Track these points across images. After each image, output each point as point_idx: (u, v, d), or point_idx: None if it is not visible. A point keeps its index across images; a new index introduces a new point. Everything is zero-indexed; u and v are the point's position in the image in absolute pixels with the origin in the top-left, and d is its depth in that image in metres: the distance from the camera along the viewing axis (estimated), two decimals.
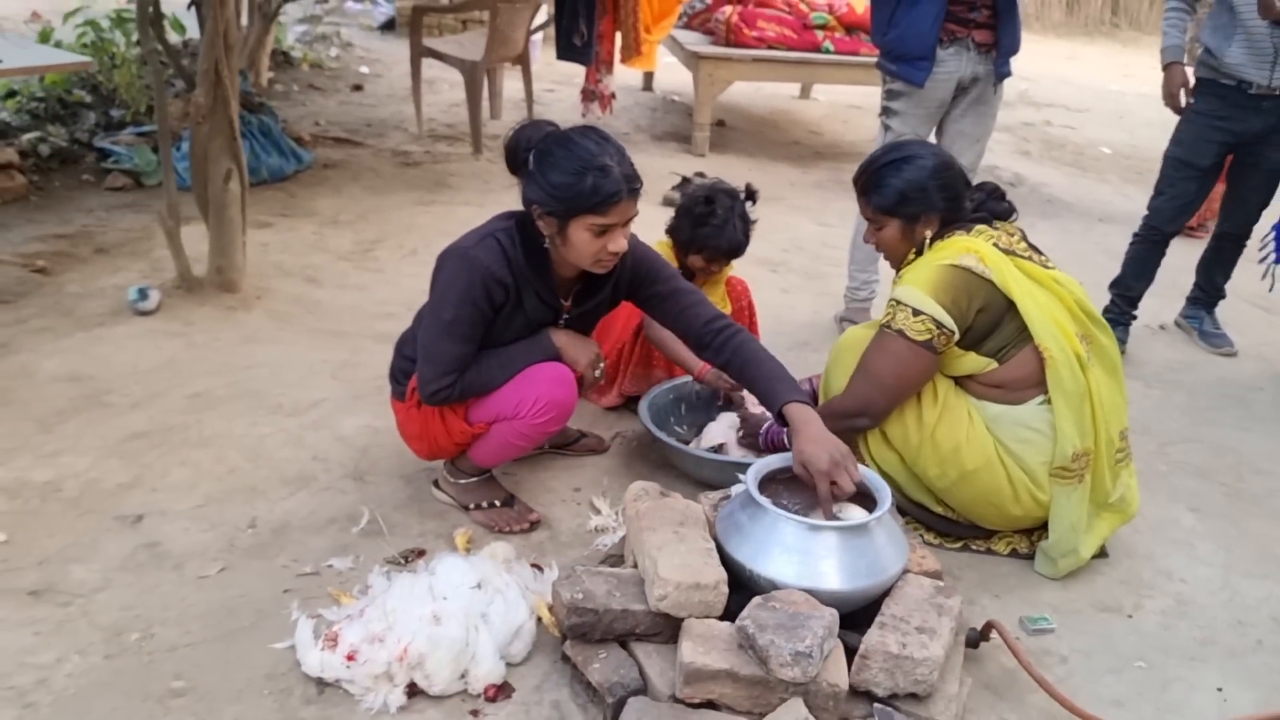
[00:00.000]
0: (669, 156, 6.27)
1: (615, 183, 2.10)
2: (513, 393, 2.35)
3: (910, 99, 3.60)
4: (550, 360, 2.38)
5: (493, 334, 2.35)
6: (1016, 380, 2.43)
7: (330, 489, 2.71)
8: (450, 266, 2.27)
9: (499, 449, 2.47)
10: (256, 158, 4.95)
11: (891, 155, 2.55)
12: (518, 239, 2.27)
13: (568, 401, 2.38)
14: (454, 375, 2.32)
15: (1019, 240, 2.53)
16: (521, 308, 2.33)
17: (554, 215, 2.17)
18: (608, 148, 2.14)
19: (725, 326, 2.41)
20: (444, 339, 2.29)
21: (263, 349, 3.45)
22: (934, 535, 2.65)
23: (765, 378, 2.31)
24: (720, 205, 2.98)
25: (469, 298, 2.24)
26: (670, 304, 2.45)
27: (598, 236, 2.16)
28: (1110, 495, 2.53)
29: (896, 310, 2.41)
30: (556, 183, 2.12)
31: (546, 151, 2.15)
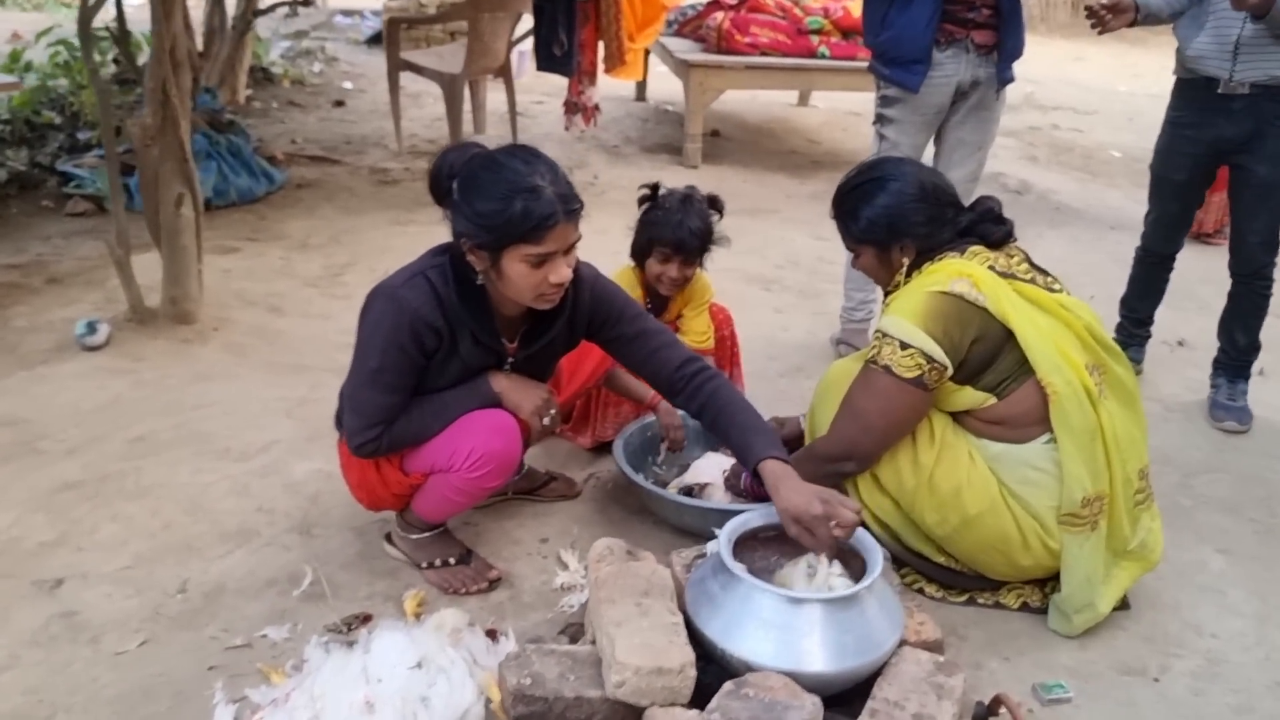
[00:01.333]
0: (660, 169, 6.03)
1: (548, 205, 1.87)
2: (446, 443, 2.12)
3: (905, 105, 3.36)
4: (489, 407, 2.14)
5: (427, 381, 2.12)
6: (1018, 417, 2.18)
7: (273, 545, 2.48)
8: (376, 308, 2.04)
9: (438, 503, 2.24)
10: (225, 179, 4.75)
11: (863, 178, 2.33)
12: (451, 276, 2.03)
13: (507, 453, 2.14)
14: (380, 426, 2.09)
15: (1020, 261, 2.28)
16: (456, 353, 2.10)
17: (484, 248, 1.94)
18: (538, 166, 1.91)
19: (698, 371, 2.19)
20: (369, 388, 2.07)
21: (215, 386, 3.22)
22: (936, 588, 2.40)
23: (740, 429, 2.10)
24: (671, 197, 2.77)
25: (395, 343, 2.01)
26: (637, 346, 2.22)
27: (535, 268, 1.93)
28: (1129, 542, 2.28)
29: (882, 344, 2.17)
30: (483, 211, 1.89)
31: (470, 177, 1.92)
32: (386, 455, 2.16)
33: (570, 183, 1.96)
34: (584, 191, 2.05)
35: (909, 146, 3.38)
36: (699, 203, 2.83)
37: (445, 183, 1.97)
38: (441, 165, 1.98)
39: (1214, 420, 3.38)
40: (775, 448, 2.02)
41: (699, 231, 2.79)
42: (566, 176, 1.96)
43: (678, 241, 2.77)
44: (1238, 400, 3.40)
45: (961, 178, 3.45)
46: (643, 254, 2.84)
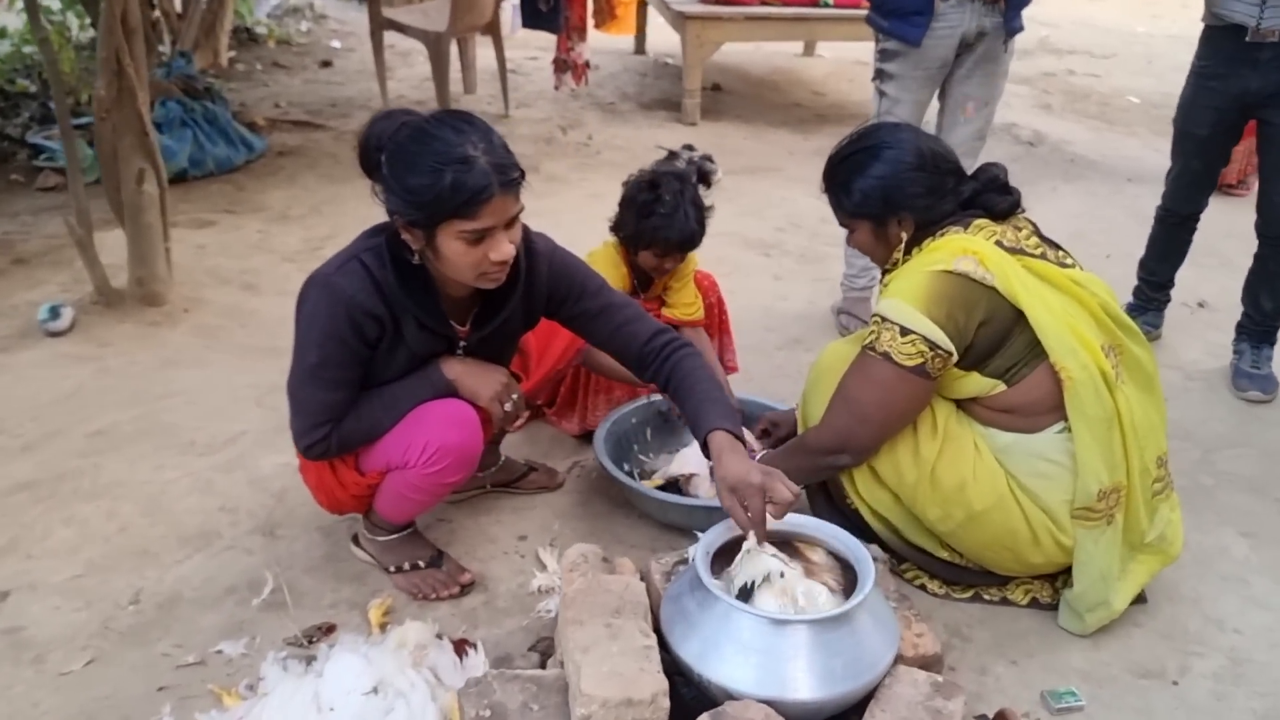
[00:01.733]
0: (657, 127, 5.81)
1: (481, 176, 1.69)
2: (400, 438, 1.97)
3: (907, 60, 3.14)
4: (444, 396, 1.99)
5: (374, 373, 1.97)
6: (1030, 404, 2.01)
7: (234, 548, 2.34)
8: (310, 299, 1.88)
9: (399, 503, 2.10)
10: (201, 148, 4.56)
11: (855, 147, 2.14)
12: (388, 258, 1.86)
13: (466, 445, 1.98)
14: (327, 425, 1.94)
15: (1029, 234, 2.09)
16: (402, 340, 1.94)
17: (417, 226, 1.77)
18: (470, 134, 1.72)
19: (667, 344, 2.03)
20: (311, 385, 1.91)
21: (182, 373, 3.07)
22: (939, 584, 2.25)
23: (696, 400, 1.93)
24: (667, 190, 2.56)
25: (334, 335, 1.85)
26: (600, 323, 2.06)
27: (473, 245, 1.76)
28: (1147, 534, 2.11)
29: (881, 329, 1.99)
30: (412, 186, 1.72)
31: (398, 149, 1.74)
32: (339, 456, 2.01)
33: (508, 150, 1.78)
34: (578, 152, 1.88)
35: (910, 104, 3.18)
36: (691, 188, 2.63)
37: (374, 156, 1.79)
38: (369, 137, 1.80)
39: (1237, 390, 3.19)
40: (728, 420, 1.87)
41: (700, 221, 2.62)
42: (504, 144, 1.78)
43: (683, 242, 2.60)
44: (1262, 368, 3.20)
45: (967, 135, 3.25)
46: (634, 242, 2.65)
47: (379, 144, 1.77)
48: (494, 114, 5.77)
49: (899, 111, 3.16)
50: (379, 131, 1.78)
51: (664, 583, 1.90)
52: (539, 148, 5.30)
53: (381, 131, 1.78)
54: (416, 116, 1.78)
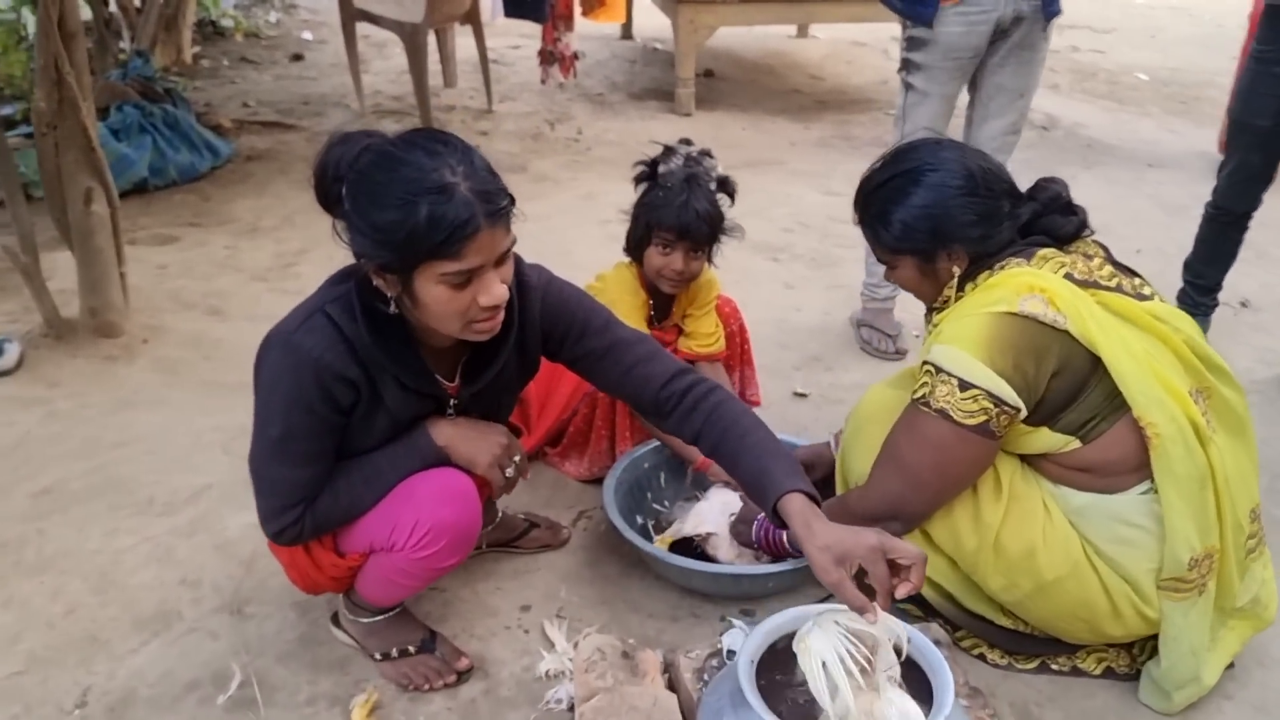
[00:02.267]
0: (650, 119, 5.51)
1: (462, 208, 1.40)
2: (385, 516, 1.69)
3: (935, 48, 2.84)
4: (434, 466, 1.71)
5: (350, 441, 1.68)
6: (1109, 463, 1.74)
7: (197, 631, 2.05)
8: (270, 362, 1.59)
9: (384, 587, 1.82)
10: (162, 156, 4.24)
11: (891, 171, 1.85)
12: (359, 309, 1.57)
13: (463, 523, 1.70)
14: (299, 507, 1.65)
15: (1101, 263, 1.81)
16: (381, 404, 1.65)
17: (390, 270, 1.47)
18: (446, 157, 1.43)
19: (691, 387, 1.72)
20: (277, 461, 1.63)
21: (140, 416, 2.77)
22: (1000, 654, 1.98)
23: (751, 456, 1.62)
24: (671, 176, 2.29)
25: (300, 403, 1.56)
26: (608, 364, 1.76)
27: (458, 289, 1.47)
28: (1239, 598, 1.85)
29: (936, 381, 1.70)
30: (380, 223, 1.42)
31: (361, 179, 1.44)
32: (314, 539, 1.72)
33: (493, 173, 1.48)
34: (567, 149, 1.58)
35: (939, 97, 2.89)
36: (705, 183, 2.35)
37: (332, 187, 1.49)
38: (325, 164, 1.49)
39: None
40: (799, 479, 1.56)
41: (706, 215, 2.32)
42: (488, 166, 1.48)
43: (682, 226, 2.30)
44: None
45: (1000, 130, 2.97)
46: (641, 245, 2.37)
47: (338, 173, 1.47)
48: (477, 108, 5.46)
49: (927, 106, 2.88)
50: (336, 158, 1.47)
51: (695, 683, 1.62)
52: (525, 144, 4.99)
53: (340, 158, 1.47)
54: (381, 138, 1.48)
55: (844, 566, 1.42)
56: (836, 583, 1.41)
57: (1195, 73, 6.93)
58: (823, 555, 1.43)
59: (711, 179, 2.38)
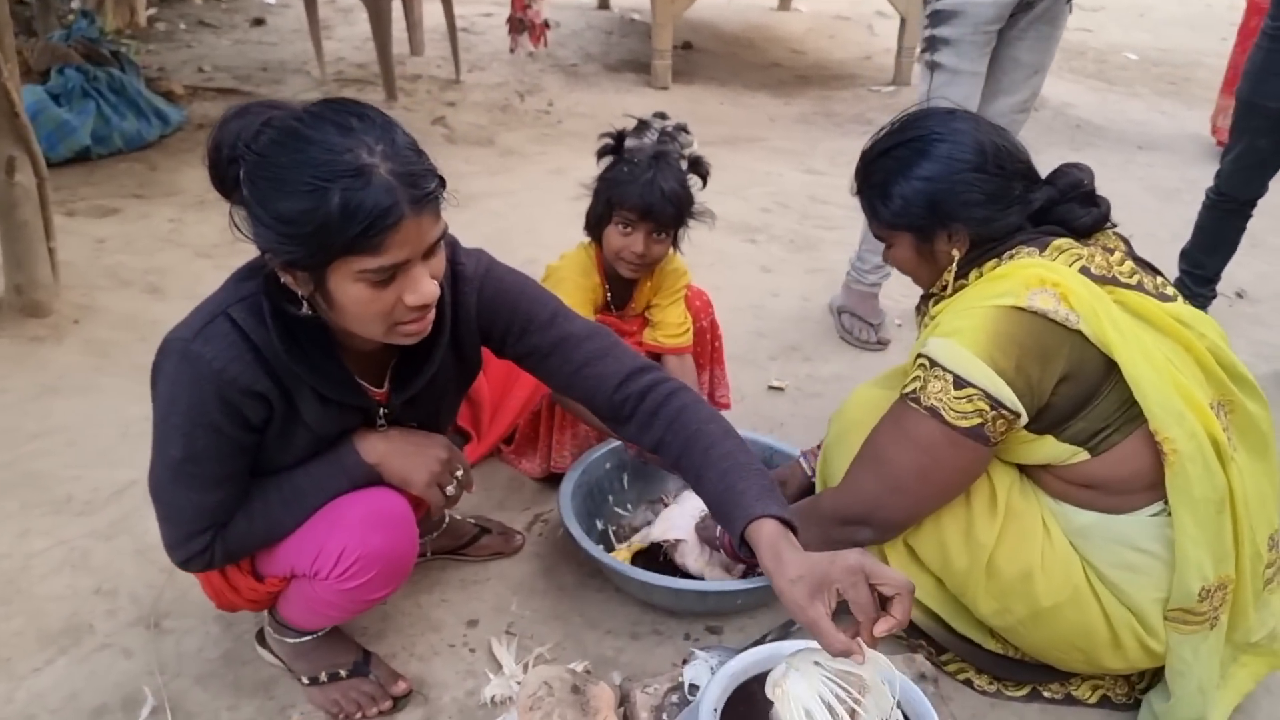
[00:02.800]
0: (625, 92, 5.30)
1: (382, 193, 1.18)
2: (308, 541, 1.49)
3: (964, 20, 2.60)
4: (364, 486, 1.52)
5: (266, 459, 1.48)
6: (1119, 480, 1.57)
7: (109, 647, 1.86)
8: (167, 373, 1.37)
9: (307, 615, 1.64)
10: (106, 122, 4.00)
11: (896, 139, 1.67)
12: (268, 311, 1.36)
13: (395, 551, 1.52)
14: (207, 534, 1.46)
15: (1122, 257, 1.64)
16: (298, 420, 1.44)
17: (299, 266, 1.26)
18: (362, 134, 1.21)
19: (651, 388, 1.51)
20: (179, 485, 1.42)
21: (64, 404, 2.56)
22: (988, 679, 1.82)
23: (716, 474, 1.40)
24: (638, 152, 2.10)
25: (201, 421, 1.36)
26: (557, 361, 1.54)
27: (379, 287, 1.25)
28: (1254, 633, 1.68)
29: (928, 376, 1.53)
30: (285, 213, 1.20)
31: (261, 161, 1.22)
32: (229, 565, 1.53)
33: (419, 152, 1.26)
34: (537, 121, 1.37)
35: (970, 76, 2.67)
36: (675, 162, 2.16)
37: (229, 170, 1.27)
38: (219, 143, 1.27)
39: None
40: (771, 500, 1.35)
41: (673, 195, 2.13)
42: (412, 144, 1.26)
43: (646, 206, 2.10)
44: None
45: (1010, 107, 2.78)
46: (600, 223, 2.18)
47: (234, 153, 1.26)
48: (444, 78, 5.23)
49: (958, 86, 2.65)
50: (233, 135, 1.25)
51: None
52: (494, 117, 4.77)
53: (236, 135, 1.25)
54: (285, 111, 1.26)
55: (821, 599, 1.21)
56: (813, 621, 1.19)
57: (1185, 53, 6.78)
58: (795, 589, 1.21)
59: (682, 157, 2.19)
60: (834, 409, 1.90)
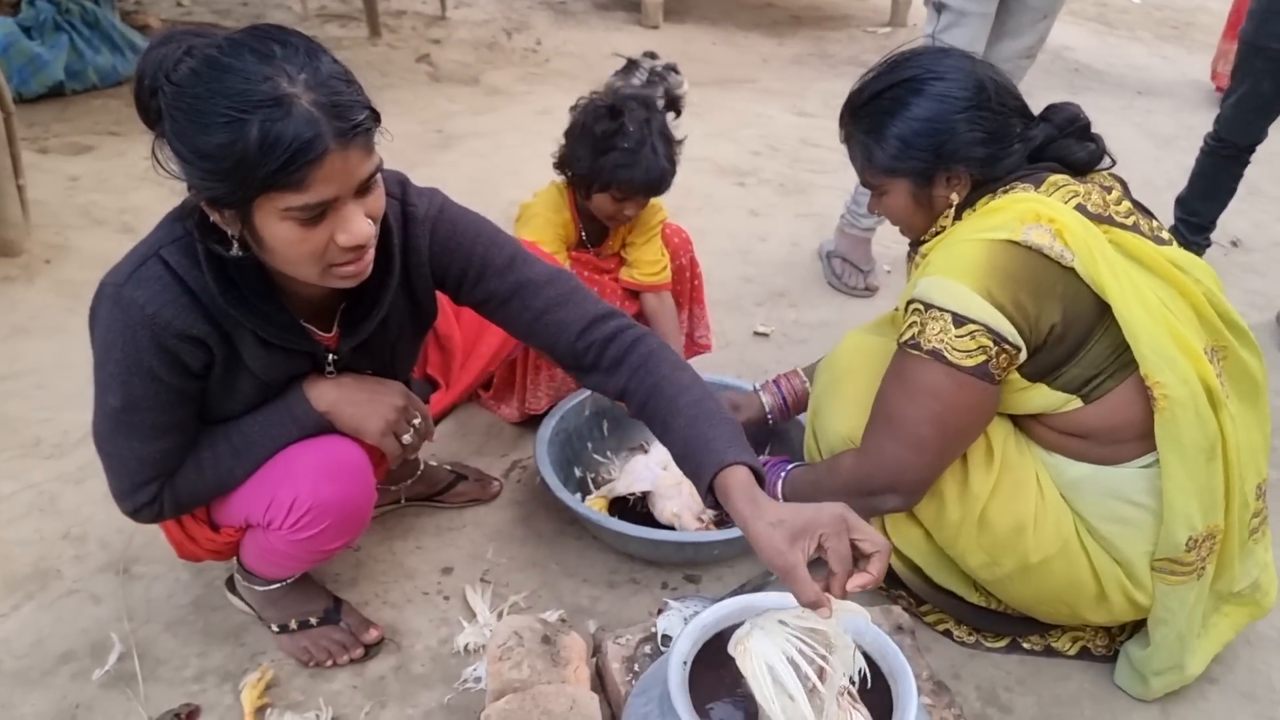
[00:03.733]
0: (614, 31, 5.18)
1: (303, 124, 1.11)
2: (260, 490, 1.46)
3: None
4: (316, 435, 1.47)
5: (212, 407, 1.43)
6: (1112, 429, 1.53)
7: (77, 592, 1.83)
8: (101, 319, 1.32)
9: (267, 565, 1.61)
10: (80, 57, 3.89)
11: (888, 80, 1.59)
12: (203, 251, 1.29)
13: (350, 501, 1.48)
14: (155, 484, 1.42)
15: (1119, 197, 1.59)
16: (240, 365, 1.39)
17: (223, 204, 1.19)
18: (283, 61, 1.13)
19: (614, 335, 1.45)
20: (121, 434, 1.37)
21: (34, 345, 2.51)
22: (967, 630, 1.80)
23: (683, 421, 1.34)
24: (632, 119, 2.03)
25: (138, 369, 1.31)
26: (514, 309, 1.48)
27: (308, 226, 1.19)
28: (1238, 582, 1.67)
29: (925, 319, 1.48)
30: (203, 146, 1.13)
31: (180, 93, 1.14)
32: (180, 516, 1.49)
33: (349, 80, 1.19)
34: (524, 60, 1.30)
35: (977, 17, 2.57)
36: (659, 116, 2.09)
37: (151, 101, 1.20)
38: (143, 71, 1.20)
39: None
40: (740, 449, 1.30)
41: (670, 158, 2.09)
42: (340, 73, 1.18)
43: (650, 184, 2.07)
44: None
45: (1016, 51, 2.69)
46: (587, 184, 2.12)
47: (154, 84, 1.18)
48: (429, 14, 5.10)
49: (964, 28, 2.56)
50: (154, 64, 1.18)
51: (624, 674, 1.43)
52: (480, 55, 4.66)
53: (159, 64, 1.17)
54: (206, 39, 1.18)
55: (800, 545, 1.16)
56: (790, 567, 1.14)
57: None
58: (774, 533, 1.16)
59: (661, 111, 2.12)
60: (819, 355, 1.86)
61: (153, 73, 1.17)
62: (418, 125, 3.78)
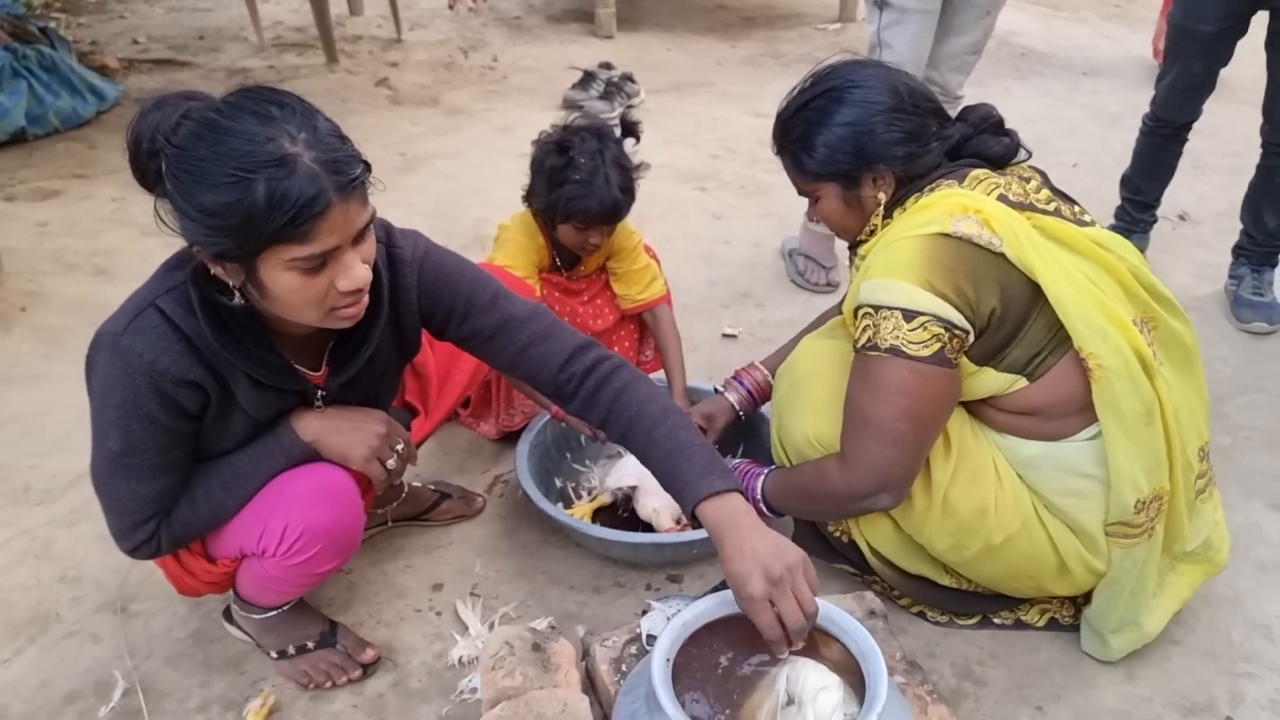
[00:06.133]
0: (570, 43, 5.24)
1: (308, 182, 1.19)
2: (253, 520, 1.52)
3: None
4: (303, 463, 1.54)
5: (205, 445, 1.50)
6: (1056, 403, 1.61)
7: (78, 633, 1.88)
8: (100, 367, 1.38)
9: (263, 593, 1.67)
10: (40, 102, 3.92)
11: (811, 94, 1.69)
12: (197, 301, 1.36)
13: (339, 525, 1.54)
14: (151, 522, 1.48)
15: (1038, 186, 1.67)
16: (234, 406, 1.46)
17: (228, 258, 1.26)
18: (283, 122, 1.21)
19: (594, 366, 1.55)
20: (120, 477, 1.44)
21: (16, 394, 2.55)
22: (939, 611, 1.88)
23: (661, 453, 1.45)
24: (582, 152, 2.09)
25: (137, 414, 1.37)
26: (499, 345, 1.58)
27: (311, 274, 1.27)
28: (1189, 542, 1.76)
29: (877, 320, 1.55)
30: (210, 206, 1.20)
31: (183, 154, 1.22)
32: (176, 550, 1.55)
33: (342, 138, 1.27)
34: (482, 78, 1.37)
35: (919, 15, 2.61)
36: (613, 145, 2.15)
37: (149, 164, 1.27)
38: (138, 137, 1.27)
39: (1238, 320, 2.84)
40: (716, 475, 1.40)
41: (624, 186, 2.14)
42: (334, 130, 1.27)
43: (605, 212, 2.12)
44: (1265, 294, 2.85)
45: (962, 48, 2.75)
46: (549, 215, 2.18)
47: (154, 146, 1.25)
48: (385, 38, 5.15)
49: (907, 26, 2.61)
50: (151, 128, 1.25)
51: (612, 675, 1.49)
52: (438, 75, 4.71)
53: (155, 128, 1.24)
54: (203, 102, 1.26)
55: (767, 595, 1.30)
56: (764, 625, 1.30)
57: None
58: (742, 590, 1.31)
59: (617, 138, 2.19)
60: None
61: (150, 136, 1.24)
62: (381, 149, 3.83)
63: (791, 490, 1.77)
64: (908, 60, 2.60)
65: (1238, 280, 2.90)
